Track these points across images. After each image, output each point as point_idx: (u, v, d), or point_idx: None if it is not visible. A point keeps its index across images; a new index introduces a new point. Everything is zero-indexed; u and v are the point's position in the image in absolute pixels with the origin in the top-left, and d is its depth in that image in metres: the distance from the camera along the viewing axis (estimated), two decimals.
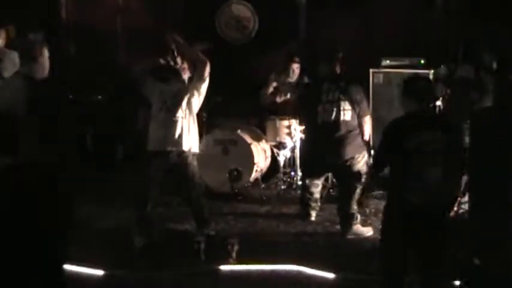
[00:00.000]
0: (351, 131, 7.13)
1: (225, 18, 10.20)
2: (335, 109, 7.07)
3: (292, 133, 8.50)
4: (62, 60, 9.42)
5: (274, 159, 8.88)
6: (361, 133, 7.23)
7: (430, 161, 4.80)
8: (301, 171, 8.40)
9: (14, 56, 7.51)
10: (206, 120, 8.76)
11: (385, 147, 5.07)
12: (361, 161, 7.17)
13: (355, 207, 7.16)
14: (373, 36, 9.48)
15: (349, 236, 7.07)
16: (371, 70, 8.72)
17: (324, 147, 7.14)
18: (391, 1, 9.48)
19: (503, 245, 5.11)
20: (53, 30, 9.51)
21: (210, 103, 8.53)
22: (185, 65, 6.85)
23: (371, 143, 7.90)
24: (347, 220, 7.13)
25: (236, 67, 9.79)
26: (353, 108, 7.13)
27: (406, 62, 8.70)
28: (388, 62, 8.74)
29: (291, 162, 8.83)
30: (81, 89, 9.88)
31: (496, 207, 5.14)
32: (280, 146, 8.64)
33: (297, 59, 8.82)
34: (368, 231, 7.15)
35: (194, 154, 6.78)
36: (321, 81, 7.26)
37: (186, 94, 6.72)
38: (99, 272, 6.04)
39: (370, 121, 7.49)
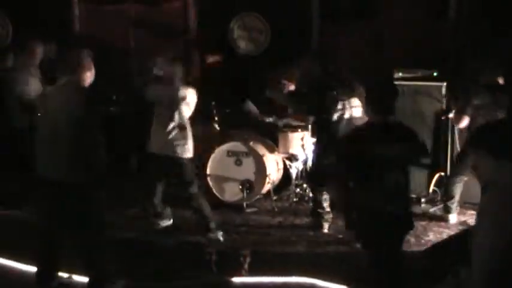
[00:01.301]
0: None
1: (237, 30, 10.23)
2: (347, 106, 7.13)
3: (305, 145, 8.49)
4: None
5: (286, 171, 8.87)
6: None
7: (389, 168, 4.97)
8: (310, 178, 8.33)
9: None
10: (219, 132, 8.79)
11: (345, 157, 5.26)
12: None
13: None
14: (386, 48, 9.48)
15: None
16: None
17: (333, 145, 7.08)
18: (403, 13, 9.47)
19: None
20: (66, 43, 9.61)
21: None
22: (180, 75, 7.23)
23: None
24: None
25: (248, 78, 9.81)
26: (362, 106, 7.16)
27: (419, 74, 8.69)
28: (400, 74, 8.72)
29: (303, 174, 8.81)
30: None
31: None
32: (293, 158, 8.63)
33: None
34: None
35: (188, 159, 7.22)
36: (330, 81, 7.25)
37: (179, 102, 7.11)
38: None
39: None
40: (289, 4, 9.91)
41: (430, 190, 8.46)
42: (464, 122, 7.58)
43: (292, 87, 8.11)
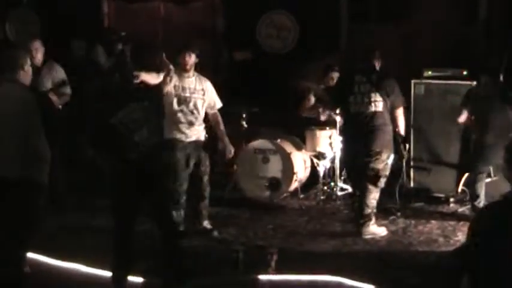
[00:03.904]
0: (383, 124, 7.26)
1: (266, 28, 10.22)
2: (366, 100, 7.20)
3: (332, 143, 8.46)
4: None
5: (313, 169, 8.84)
6: (395, 126, 7.37)
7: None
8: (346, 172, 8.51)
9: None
10: (246, 129, 8.79)
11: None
12: (384, 161, 7.29)
13: (369, 208, 7.27)
14: (415, 47, 9.42)
15: (366, 236, 7.22)
16: (412, 81, 8.66)
17: (355, 137, 7.31)
18: (433, 12, 9.41)
19: None
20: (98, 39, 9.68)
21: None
22: None
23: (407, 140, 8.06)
24: (361, 220, 7.28)
25: (276, 76, 9.80)
26: (384, 100, 7.23)
27: (448, 73, 8.63)
28: (430, 72, 8.67)
29: (330, 172, 8.79)
30: None
31: None
32: (320, 156, 8.60)
33: (336, 68, 8.79)
34: (382, 231, 7.35)
35: None
36: (352, 73, 7.43)
37: None
38: (137, 279, 6.04)
39: (404, 115, 7.56)
40: (317, 3, 9.88)
41: (459, 190, 8.40)
42: (463, 117, 7.86)
43: (337, 75, 8.52)
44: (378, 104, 7.21)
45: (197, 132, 7.11)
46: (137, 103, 5.51)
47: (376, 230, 7.33)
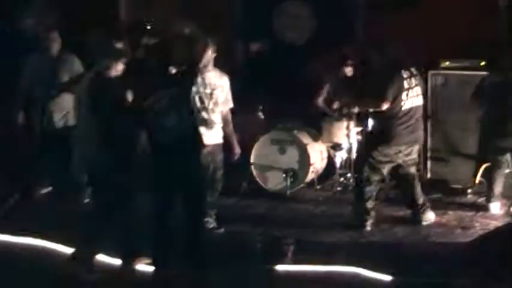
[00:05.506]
0: (420, 116, 7.42)
1: (282, 18, 10.18)
2: (415, 94, 7.26)
3: (349, 134, 8.43)
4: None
5: (330, 160, 8.82)
6: None
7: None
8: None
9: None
10: (263, 120, 8.78)
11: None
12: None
13: (423, 195, 7.41)
14: (433, 38, 9.34)
15: (426, 223, 7.33)
16: (430, 72, 8.60)
17: (404, 132, 7.20)
18: (451, 1, 9.34)
19: None
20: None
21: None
22: None
23: None
24: (419, 208, 7.37)
25: (293, 67, 9.77)
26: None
27: (466, 63, 8.57)
28: (447, 63, 8.61)
29: (347, 163, 8.76)
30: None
31: None
32: (337, 147, 8.57)
33: (352, 58, 8.76)
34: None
35: None
36: (396, 68, 7.30)
37: None
38: (149, 268, 6.06)
39: None
40: None
41: (477, 181, 8.35)
42: None
43: (351, 67, 8.53)
44: (420, 97, 7.35)
45: (218, 133, 6.82)
46: (167, 90, 5.59)
47: (433, 215, 7.43)
